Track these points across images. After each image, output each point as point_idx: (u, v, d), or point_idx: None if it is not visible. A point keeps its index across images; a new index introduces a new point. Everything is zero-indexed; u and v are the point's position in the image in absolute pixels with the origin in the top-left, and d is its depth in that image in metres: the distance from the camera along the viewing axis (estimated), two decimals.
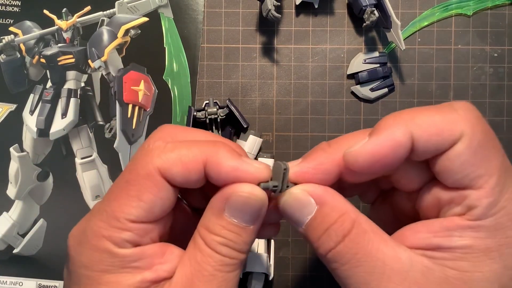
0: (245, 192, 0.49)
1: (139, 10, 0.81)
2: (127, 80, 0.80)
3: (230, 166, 0.49)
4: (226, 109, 0.78)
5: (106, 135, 0.81)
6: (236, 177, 0.49)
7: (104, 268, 0.49)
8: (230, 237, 0.50)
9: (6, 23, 0.81)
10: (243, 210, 0.50)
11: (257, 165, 0.50)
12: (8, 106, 0.81)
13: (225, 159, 0.49)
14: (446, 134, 0.47)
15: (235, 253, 0.50)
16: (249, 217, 0.50)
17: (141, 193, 0.49)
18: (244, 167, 0.49)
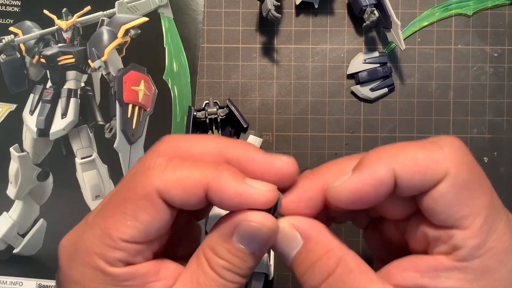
0: (257, 222, 0.48)
1: (139, 10, 0.81)
2: (127, 80, 0.80)
3: (234, 192, 0.48)
4: (226, 109, 0.78)
5: (106, 135, 0.81)
6: (241, 203, 0.48)
7: (95, 286, 0.48)
8: (236, 262, 0.50)
9: (6, 23, 0.81)
10: (253, 239, 0.49)
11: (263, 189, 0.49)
12: (8, 106, 0.81)
13: (228, 184, 0.48)
14: (429, 173, 0.46)
15: (239, 279, 0.50)
16: (257, 246, 0.49)
17: (138, 213, 0.48)
18: (249, 192, 0.48)
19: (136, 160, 0.78)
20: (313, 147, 0.80)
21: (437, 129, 0.80)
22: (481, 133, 0.80)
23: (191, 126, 0.77)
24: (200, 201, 0.48)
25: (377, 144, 0.80)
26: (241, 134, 0.78)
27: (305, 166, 0.80)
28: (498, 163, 0.80)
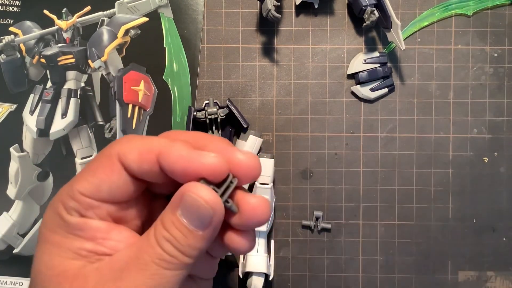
0: (198, 195, 0.49)
1: (139, 10, 0.81)
2: (127, 80, 0.80)
3: (179, 156, 0.49)
4: (226, 109, 0.78)
5: (106, 135, 0.81)
6: (187, 167, 0.49)
7: (53, 229, 0.51)
8: (176, 235, 0.50)
9: (6, 23, 0.81)
10: (194, 214, 0.50)
11: (212, 155, 0.49)
12: (8, 106, 0.81)
13: (178, 149, 0.49)
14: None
15: (176, 253, 0.50)
16: (198, 222, 0.50)
17: (96, 170, 0.51)
18: (196, 156, 0.49)
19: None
20: (313, 147, 0.80)
21: (437, 129, 0.80)
22: (481, 133, 0.80)
23: (191, 126, 0.78)
24: (154, 169, 0.50)
25: (377, 144, 0.81)
26: (241, 134, 0.78)
27: (305, 166, 0.80)
28: (498, 163, 0.80)
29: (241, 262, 0.78)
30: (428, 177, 0.80)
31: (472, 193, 0.80)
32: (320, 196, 0.81)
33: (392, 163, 0.80)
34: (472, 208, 0.80)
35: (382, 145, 0.80)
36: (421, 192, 0.80)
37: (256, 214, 0.51)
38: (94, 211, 0.51)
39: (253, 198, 0.51)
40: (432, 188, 0.80)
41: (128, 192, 0.52)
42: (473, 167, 0.80)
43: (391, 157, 0.80)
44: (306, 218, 0.80)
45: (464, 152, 0.80)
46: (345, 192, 0.81)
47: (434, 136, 0.80)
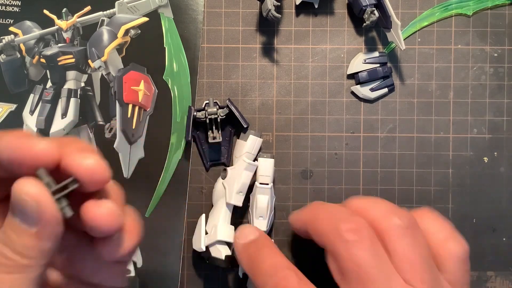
0: (19, 189, 0.47)
1: (139, 10, 0.82)
2: (127, 80, 0.81)
3: (8, 141, 0.47)
4: (226, 109, 0.78)
5: (106, 135, 0.81)
6: (13, 156, 0.47)
7: None
8: (11, 236, 0.48)
9: (6, 23, 0.81)
10: (20, 209, 0.47)
11: (43, 143, 0.47)
12: (8, 106, 0.81)
13: (7, 136, 0.48)
14: None
15: (12, 254, 0.47)
16: (26, 219, 0.47)
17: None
18: (24, 142, 0.47)
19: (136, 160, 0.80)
20: (313, 147, 0.81)
21: (437, 129, 0.81)
22: (481, 133, 0.81)
23: (192, 126, 0.78)
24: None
25: (377, 144, 0.81)
26: (241, 134, 0.79)
27: (305, 166, 0.81)
28: (498, 163, 0.81)
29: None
30: (428, 177, 0.81)
31: (472, 193, 0.81)
32: (320, 196, 0.81)
33: (392, 163, 0.81)
34: (472, 208, 0.81)
35: (382, 145, 0.81)
36: (421, 192, 0.81)
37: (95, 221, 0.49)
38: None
39: (96, 206, 0.49)
40: (432, 188, 0.81)
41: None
42: (473, 167, 0.81)
43: (391, 157, 0.81)
44: None
45: (464, 152, 0.81)
46: (345, 192, 0.81)
47: (434, 136, 0.81)
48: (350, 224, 0.59)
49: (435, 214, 0.64)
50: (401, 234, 0.59)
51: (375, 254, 0.58)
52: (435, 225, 0.63)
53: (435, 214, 0.64)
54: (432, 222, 0.63)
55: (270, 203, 0.76)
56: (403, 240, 0.59)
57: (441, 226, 0.63)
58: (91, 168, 0.48)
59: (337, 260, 0.58)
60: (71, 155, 0.49)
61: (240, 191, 0.76)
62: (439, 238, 0.62)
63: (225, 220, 0.77)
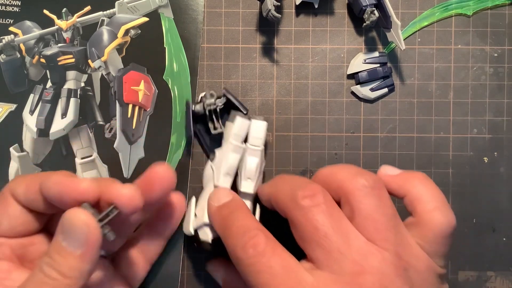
0: (71, 216, 0.54)
1: (139, 10, 0.82)
2: (127, 80, 0.81)
3: (56, 182, 0.56)
4: (223, 98, 0.78)
5: (106, 135, 0.82)
6: (61, 191, 0.56)
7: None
8: (56, 258, 0.54)
9: (6, 23, 0.82)
10: (69, 234, 0.54)
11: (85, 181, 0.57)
12: (8, 106, 0.82)
13: (54, 176, 0.56)
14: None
15: (56, 275, 0.53)
16: (74, 242, 0.54)
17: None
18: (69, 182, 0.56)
19: (136, 160, 0.80)
20: (313, 147, 0.81)
21: (437, 129, 0.82)
22: (481, 133, 0.81)
23: (192, 122, 0.79)
24: (37, 196, 0.58)
25: (377, 144, 0.82)
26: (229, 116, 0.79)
27: (305, 166, 0.82)
28: (498, 163, 0.82)
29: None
30: None
31: (472, 193, 0.81)
32: None
33: (392, 163, 0.81)
34: (472, 208, 0.82)
35: (382, 145, 0.81)
36: None
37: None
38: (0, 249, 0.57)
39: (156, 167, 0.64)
40: None
41: (27, 225, 0.59)
42: (473, 167, 0.81)
43: (391, 157, 0.81)
44: None
45: (464, 152, 0.81)
46: None
47: (434, 136, 0.81)
48: (306, 191, 0.61)
49: (429, 181, 0.65)
50: (366, 194, 0.60)
51: (330, 215, 0.59)
52: (427, 193, 0.64)
53: (429, 181, 0.65)
54: (425, 189, 0.64)
55: (259, 166, 0.76)
56: (367, 200, 0.60)
57: (433, 196, 0.64)
58: (128, 195, 0.58)
59: (297, 227, 0.61)
60: (112, 186, 0.59)
61: (227, 173, 0.76)
62: (428, 207, 0.63)
63: None
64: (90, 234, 0.54)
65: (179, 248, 0.81)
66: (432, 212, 0.62)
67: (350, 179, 0.62)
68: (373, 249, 0.58)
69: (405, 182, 0.66)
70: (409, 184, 0.65)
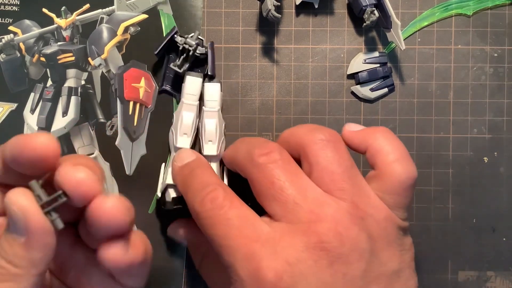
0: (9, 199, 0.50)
1: (138, 7, 0.83)
2: (127, 77, 0.82)
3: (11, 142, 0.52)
4: (204, 49, 0.80)
5: (108, 133, 0.83)
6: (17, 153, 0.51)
7: None
8: (4, 245, 0.51)
9: (5, 22, 0.83)
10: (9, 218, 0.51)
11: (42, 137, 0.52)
12: (9, 106, 0.83)
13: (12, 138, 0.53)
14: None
15: (4, 263, 0.50)
16: (14, 228, 0.50)
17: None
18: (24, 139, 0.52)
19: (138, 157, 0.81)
20: None
21: (437, 129, 0.83)
22: (481, 133, 0.82)
23: (166, 44, 0.81)
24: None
25: None
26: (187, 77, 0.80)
27: None
28: (498, 163, 0.83)
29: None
30: (428, 177, 0.82)
31: (472, 193, 0.83)
32: None
33: None
34: (472, 208, 0.83)
35: None
36: (421, 192, 0.82)
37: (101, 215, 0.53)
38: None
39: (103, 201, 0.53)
40: (432, 188, 0.82)
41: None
42: (473, 167, 0.82)
43: None
44: None
45: (464, 152, 0.82)
46: None
47: (434, 136, 0.82)
48: (262, 149, 0.63)
49: (391, 134, 0.66)
50: (322, 147, 0.63)
51: (286, 170, 0.62)
52: (387, 146, 0.65)
53: (391, 134, 0.66)
54: (386, 142, 0.65)
55: (218, 127, 0.78)
56: (324, 152, 0.62)
57: (393, 148, 0.65)
58: (78, 181, 0.52)
59: (254, 184, 0.63)
60: (64, 166, 0.54)
61: (184, 133, 0.78)
62: (388, 159, 0.64)
63: None
64: (29, 220, 0.49)
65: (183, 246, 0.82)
66: (392, 164, 0.64)
67: (307, 134, 0.64)
68: (328, 199, 0.60)
69: (366, 136, 0.67)
70: (370, 138, 0.66)
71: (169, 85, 0.82)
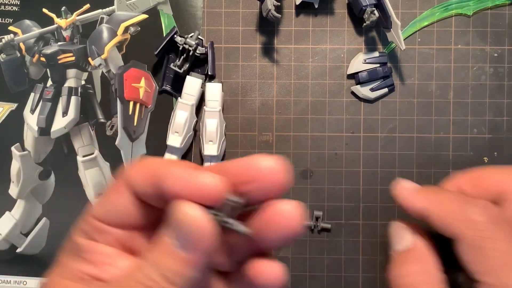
0: (180, 210, 0.46)
1: (138, 7, 0.84)
2: (127, 77, 0.83)
3: (175, 176, 0.46)
4: (204, 49, 0.81)
5: (108, 133, 0.84)
6: (182, 189, 0.46)
7: (65, 250, 0.52)
8: (159, 258, 0.47)
9: (5, 23, 0.84)
10: (177, 232, 0.46)
11: (208, 178, 0.45)
12: (9, 106, 0.84)
13: (174, 169, 0.47)
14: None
15: (156, 276, 0.46)
16: (182, 242, 0.46)
17: (107, 193, 0.51)
18: (191, 178, 0.46)
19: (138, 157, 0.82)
20: (313, 147, 0.83)
21: (437, 129, 0.83)
22: (481, 133, 0.83)
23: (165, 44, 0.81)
24: (155, 191, 0.48)
25: (377, 144, 0.84)
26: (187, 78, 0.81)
27: (305, 166, 0.84)
28: (498, 163, 0.83)
29: None
30: (428, 177, 0.83)
31: None
32: (320, 196, 0.83)
33: (392, 163, 0.83)
34: None
35: (382, 145, 0.83)
36: None
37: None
38: (103, 235, 0.51)
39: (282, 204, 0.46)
40: None
41: (136, 217, 0.50)
42: (473, 167, 0.81)
43: (391, 157, 0.83)
44: (306, 218, 0.83)
45: (464, 152, 0.83)
46: (345, 192, 0.83)
47: (434, 136, 0.83)
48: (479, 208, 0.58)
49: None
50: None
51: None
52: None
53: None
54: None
55: (219, 127, 0.79)
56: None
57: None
58: (271, 168, 0.47)
59: (475, 251, 0.57)
60: (248, 162, 0.48)
61: (175, 131, 0.79)
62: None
63: None
64: (204, 236, 0.45)
65: None
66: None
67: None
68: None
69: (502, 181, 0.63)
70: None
71: (169, 85, 0.83)
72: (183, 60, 0.80)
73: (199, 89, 0.81)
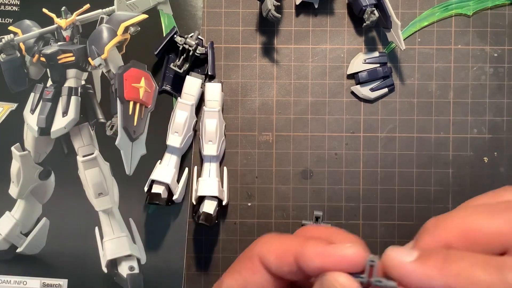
0: (332, 278, 0.48)
1: (138, 7, 0.84)
2: (127, 77, 0.83)
3: (315, 253, 0.49)
4: (204, 49, 0.81)
5: (108, 133, 0.84)
6: (325, 263, 0.49)
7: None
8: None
9: (5, 23, 0.84)
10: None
11: (349, 247, 0.49)
12: (9, 106, 0.84)
13: (312, 247, 0.50)
14: None
15: None
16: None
17: (241, 270, 0.55)
18: (331, 252, 0.49)
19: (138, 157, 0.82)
20: (313, 147, 0.84)
21: (437, 129, 0.84)
22: (481, 133, 0.83)
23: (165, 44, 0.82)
24: (291, 268, 0.52)
25: (377, 144, 0.84)
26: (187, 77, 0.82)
27: (305, 166, 0.84)
28: (498, 163, 0.84)
29: (194, 188, 0.82)
30: (428, 177, 0.84)
31: (472, 193, 0.79)
32: (320, 196, 0.84)
33: (392, 163, 0.84)
34: None
35: (382, 145, 0.84)
36: (421, 192, 0.83)
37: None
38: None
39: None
40: (432, 188, 0.84)
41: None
42: (473, 167, 0.84)
43: (391, 157, 0.84)
44: (306, 218, 0.83)
45: (464, 152, 0.84)
46: (345, 192, 0.84)
47: (434, 136, 0.84)
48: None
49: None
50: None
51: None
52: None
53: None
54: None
55: (219, 128, 0.80)
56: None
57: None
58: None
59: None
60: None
61: (175, 131, 0.80)
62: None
63: (166, 162, 0.82)
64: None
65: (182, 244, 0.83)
66: None
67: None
68: None
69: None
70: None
71: (169, 85, 0.83)
72: (183, 60, 0.81)
73: (199, 89, 0.81)
